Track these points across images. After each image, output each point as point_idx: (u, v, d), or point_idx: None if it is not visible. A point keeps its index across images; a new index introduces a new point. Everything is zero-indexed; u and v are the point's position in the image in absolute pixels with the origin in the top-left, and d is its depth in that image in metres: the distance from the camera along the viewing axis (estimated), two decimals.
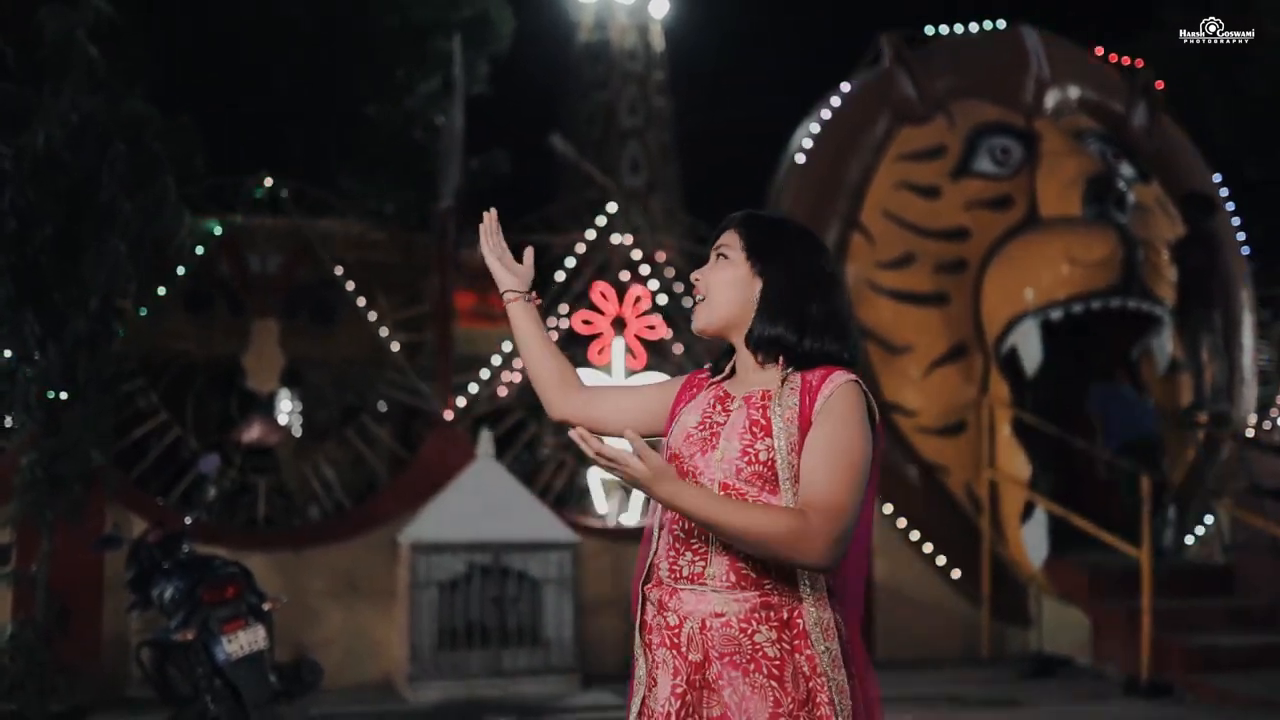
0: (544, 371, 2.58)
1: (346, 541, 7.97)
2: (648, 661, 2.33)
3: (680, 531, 2.30)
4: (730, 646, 2.23)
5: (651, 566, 2.36)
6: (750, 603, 2.24)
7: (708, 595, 2.26)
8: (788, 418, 2.26)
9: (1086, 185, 8.74)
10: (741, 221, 2.41)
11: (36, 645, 6.91)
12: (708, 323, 2.39)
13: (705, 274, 2.40)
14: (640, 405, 2.52)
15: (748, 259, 2.37)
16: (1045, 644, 8.66)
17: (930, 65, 9.43)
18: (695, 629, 2.26)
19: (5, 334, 7.02)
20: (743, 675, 2.22)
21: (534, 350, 2.60)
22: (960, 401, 8.81)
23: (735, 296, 2.36)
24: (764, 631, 2.24)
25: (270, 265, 8.72)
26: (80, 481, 7.14)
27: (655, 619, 2.33)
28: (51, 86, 7.03)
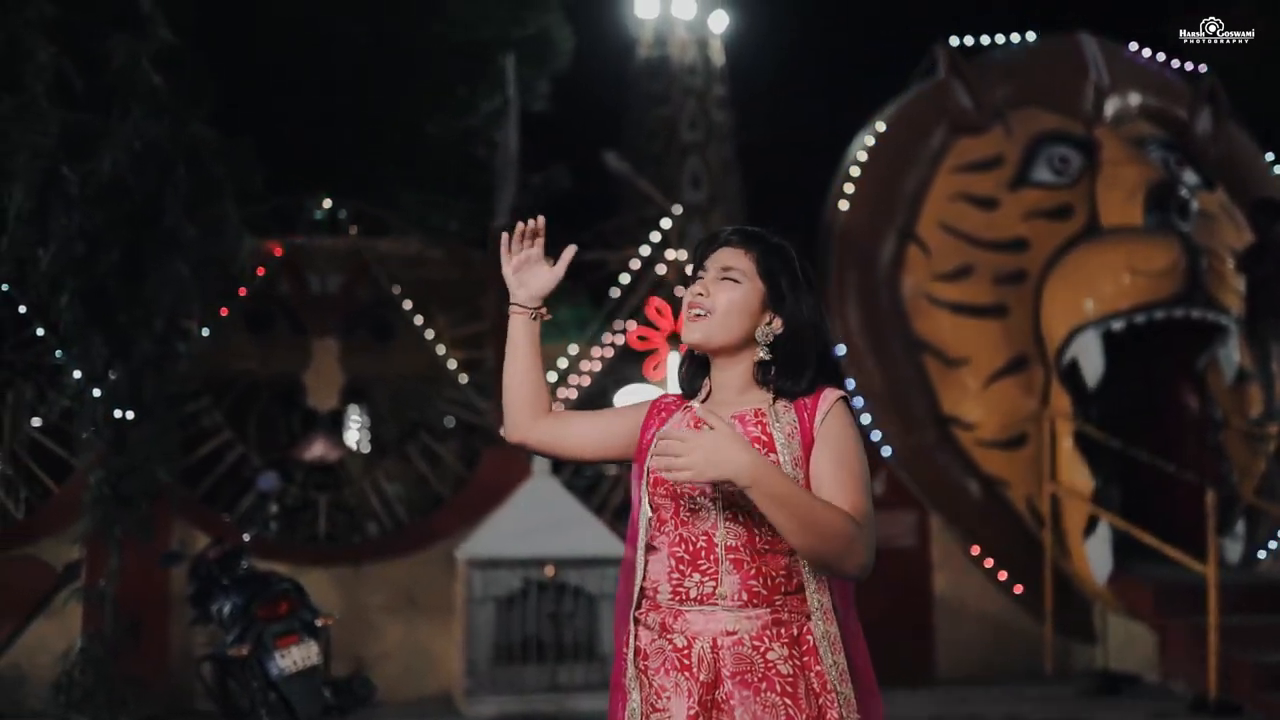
0: (522, 390, 2.51)
1: (405, 557, 8.06)
2: (643, 689, 2.31)
3: (684, 553, 2.29)
4: (742, 665, 2.24)
5: (642, 592, 2.35)
6: (762, 620, 2.26)
7: (718, 614, 2.26)
8: (788, 433, 2.30)
9: (1148, 193, 8.60)
10: (750, 244, 2.39)
11: (105, 659, 7.08)
12: (707, 340, 2.37)
13: (712, 291, 2.36)
14: (605, 430, 2.50)
15: (765, 290, 2.36)
16: (1112, 661, 8.50)
17: (986, 75, 9.34)
18: (706, 648, 2.25)
19: (74, 355, 7.22)
20: (754, 694, 2.22)
21: (519, 366, 2.51)
22: (1021, 414, 8.69)
23: (744, 323, 2.36)
24: (776, 649, 2.25)
25: (330, 285, 8.87)
26: (147, 499, 7.31)
27: (654, 644, 2.32)
28: (118, 113, 7.24)
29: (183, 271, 7.04)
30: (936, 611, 8.74)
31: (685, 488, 2.29)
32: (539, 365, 2.52)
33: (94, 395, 7.21)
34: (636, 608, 2.36)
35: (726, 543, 2.27)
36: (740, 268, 2.37)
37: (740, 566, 2.26)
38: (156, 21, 7.48)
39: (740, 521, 2.27)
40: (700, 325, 2.36)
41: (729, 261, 2.38)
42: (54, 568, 7.51)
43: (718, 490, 2.27)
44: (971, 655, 8.67)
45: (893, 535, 8.72)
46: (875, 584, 9.12)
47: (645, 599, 2.35)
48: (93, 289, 7.08)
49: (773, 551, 2.27)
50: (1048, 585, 8.53)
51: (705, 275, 2.40)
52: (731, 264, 2.37)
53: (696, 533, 2.29)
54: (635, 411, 2.49)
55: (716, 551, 2.26)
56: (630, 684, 2.33)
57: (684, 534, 2.30)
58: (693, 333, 2.38)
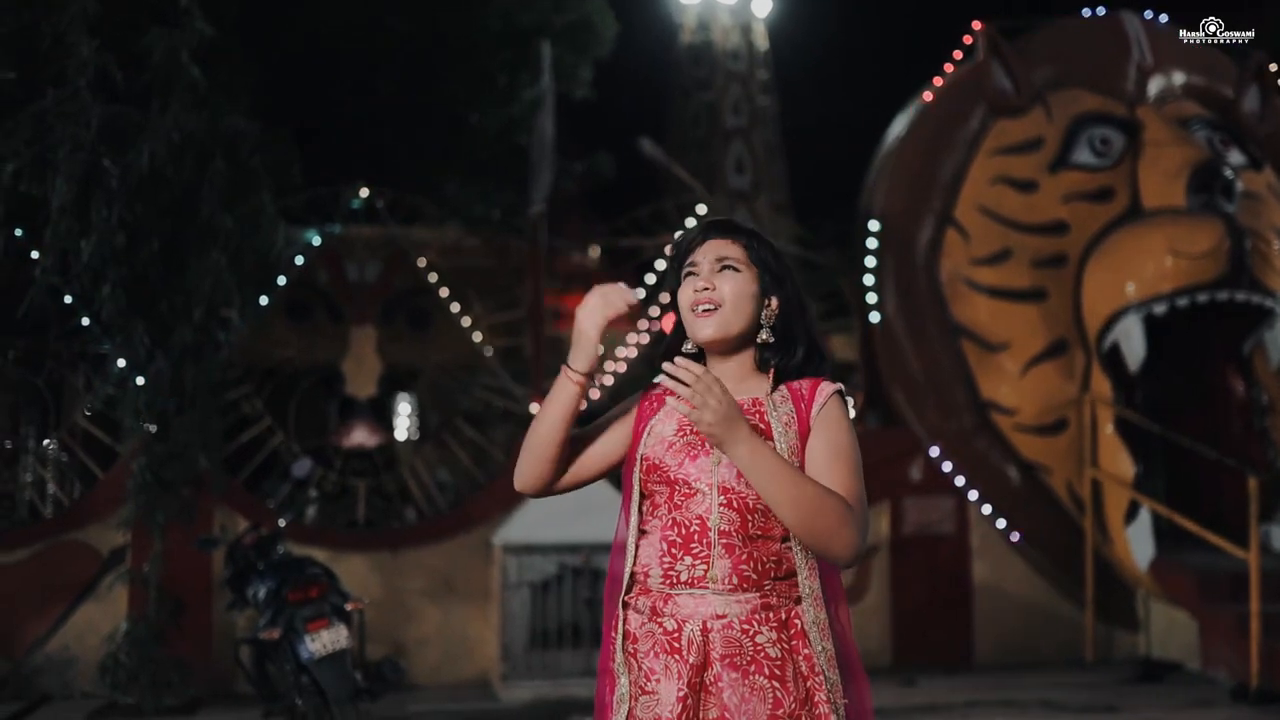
0: (550, 453, 2.42)
1: (442, 542, 8.14)
2: (632, 673, 2.34)
3: (677, 537, 2.32)
4: (731, 648, 2.27)
5: (633, 576, 2.38)
6: (751, 604, 2.29)
7: (708, 598, 2.29)
8: (785, 422, 2.34)
9: (1191, 174, 8.46)
10: (734, 233, 2.44)
11: (149, 641, 7.25)
12: (724, 333, 2.38)
13: (718, 284, 2.37)
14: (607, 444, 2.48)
15: (757, 275, 2.40)
16: (1154, 648, 8.40)
17: (1027, 55, 9.22)
18: (696, 631, 2.28)
19: (117, 344, 7.37)
20: (742, 677, 2.25)
21: (557, 429, 2.41)
22: (1060, 399, 8.59)
23: (750, 310, 2.39)
24: (765, 632, 2.29)
25: (368, 273, 8.97)
26: (189, 485, 7.47)
27: (644, 627, 2.34)
28: (158, 106, 7.36)
29: (220, 261, 7.15)
30: (975, 598, 8.68)
31: (682, 475, 2.33)
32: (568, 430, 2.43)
33: (137, 384, 7.36)
34: (626, 592, 2.38)
35: (720, 527, 2.29)
36: (735, 256, 2.40)
37: (732, 551, 2.29)
38: (195, 15, 7.59)
39: (734, 507, 2.30)
40: (713, 319, 2.36)
41: (722, 252, 2.40)
42: (100, 552, 7.70)
43: (713, 476, 2.31)
44: (1011, 642, 8.61)
45: (931, 521, 8.69)
46: (914, 570, 9.15)
47: (635, 583, 2.38)
48: (134, 279, 7.23)
49: (765, 538, 2.31)
50: (1088, 572, 8.44)
51: (699, 270, 2.40)
52: (726, 254, 2.40)
53: (690, 517, 2.31)
54: (626, 418, 2.49)
55: (710, 535, 2.29)
56: (619, 668, 2.35)
57: (677, 518, 2.32)
58: (706, 328, 2.37)
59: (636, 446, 2.41)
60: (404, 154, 11.58)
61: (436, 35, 12.14)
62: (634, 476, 2.40)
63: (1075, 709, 7.05)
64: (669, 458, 2.36)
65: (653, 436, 2.39)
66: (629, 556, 2.39)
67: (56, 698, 7.46)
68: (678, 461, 2.35)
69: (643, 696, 2.31)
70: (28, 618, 7.60)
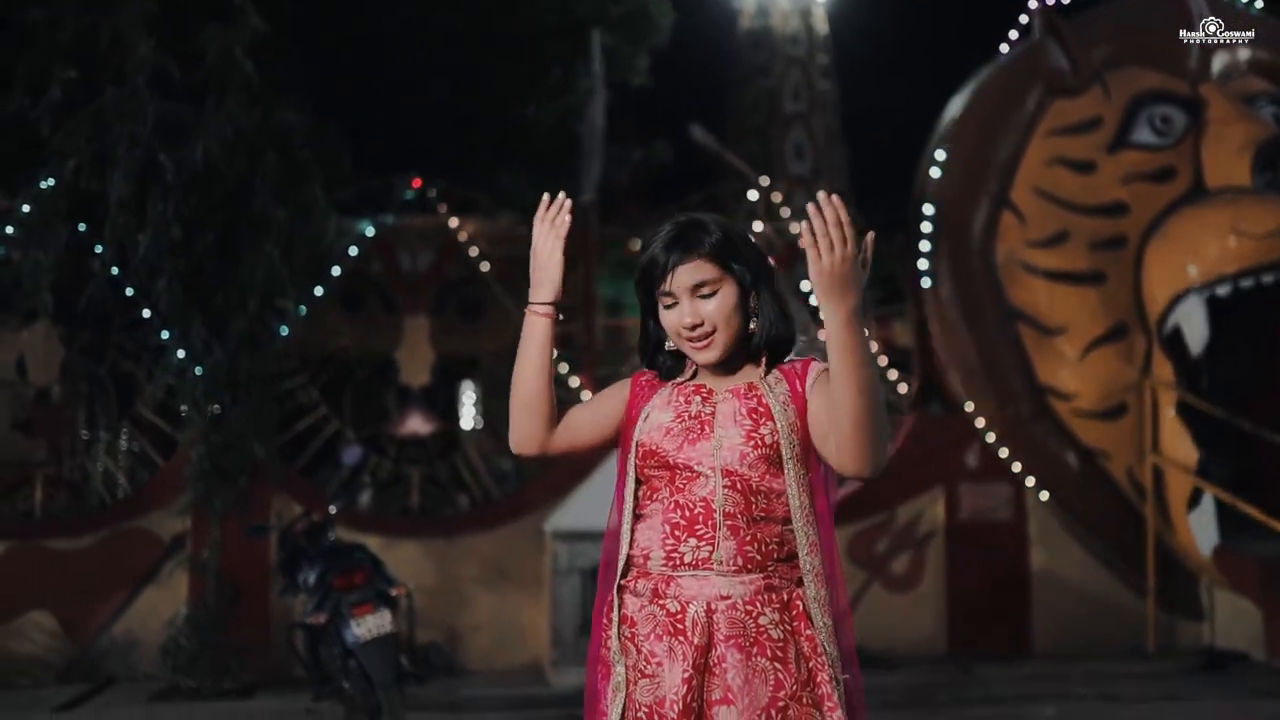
0: (539, 402, 2.44)
1: (496, 530, 8.21)
2: (630, 657, 2.33)
3: (681, 519, 2.32)
4: (735, 629, 2.27)
5: (629, 560, 2.36)
6: (755, 585, 2.29)
7: (712, 579, 2.29)
8: (783, 401, 2.35)
9: (1257, 152, 8.25)
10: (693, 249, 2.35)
11: (209, 626, 7.42)
12: (725, 350, 2.36)
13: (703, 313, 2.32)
14: (604, 416, 2.47)
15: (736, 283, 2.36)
16: (1218, 638, 8.22)
17: (1084, 34, 9.01)
18: (701, 612, 2.28)
19: (175, 336, 7.54)
20: (745, 658, 2.25)
21: (539, 377, 2.43)
22: (1120, 383, 8.43)
23: (739, 319, 2.37)
24: (768, 614, 2.29)
25: (420, 263, 9.06)
26: (245, 473, 7.61)
27: (644, 611, 2.33)
28: (213, 102, 7.49)
29: (273, 254, 7.27)
30: (1033, 585, 8.56)
31: (682, 459, 2.32)
32: (552, 372, 2.46)
33: (195, 374, 7.52)
34: (622, 576, 2.37)
35: (725, 509, 2.29)
36: (707, 278, 2.34)
37: (737, 533, 2.28)
38: (249, 12, 7.71)
39: (738, 489, 2.30)
40: (713, 346, 2.35)
41: (694, 278, 2.34)
42: (162, 539, 7.88)
43: (715, 459, 2.31)
44: (1071, 630, 8.47)
45: (988, 508, 8.58)
46: (971, 558, 9.02)
47: (632, 567, 2.36)
48: (190, 272, 7.39)
49: (768, 519, 2.31)
50: (1150, 560, 8.29)
51: (677, 300, 2.35)
52: (697, 279, 2.33)
53: (694, 499, 2.31)
54: (620, 390, 2.49)
55: (715, 517, 2.29)
56: (614, 656, 2.34)
57: (680, 500, 2.32)
58: (709, 354, 2.36)
59: (631, 431, 2.40)
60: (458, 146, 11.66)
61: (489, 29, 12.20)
62: (629, 462, 2.39)
63: (1133, 699, 6.92)
64: (667, 443, 2.35)
65: (649, 423, 2.38)
66: (624, 541, 2.37)
67: (121, 680, 7.67)
68: (676, 445, 2.35)
69: (642, 680, 2.29)
70: (94, 603, 7.81)
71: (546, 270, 2.46)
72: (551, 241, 2.46)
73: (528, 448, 2.46)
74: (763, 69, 16.56)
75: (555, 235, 2.47)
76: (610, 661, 2.35)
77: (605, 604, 2.40)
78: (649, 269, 2.38)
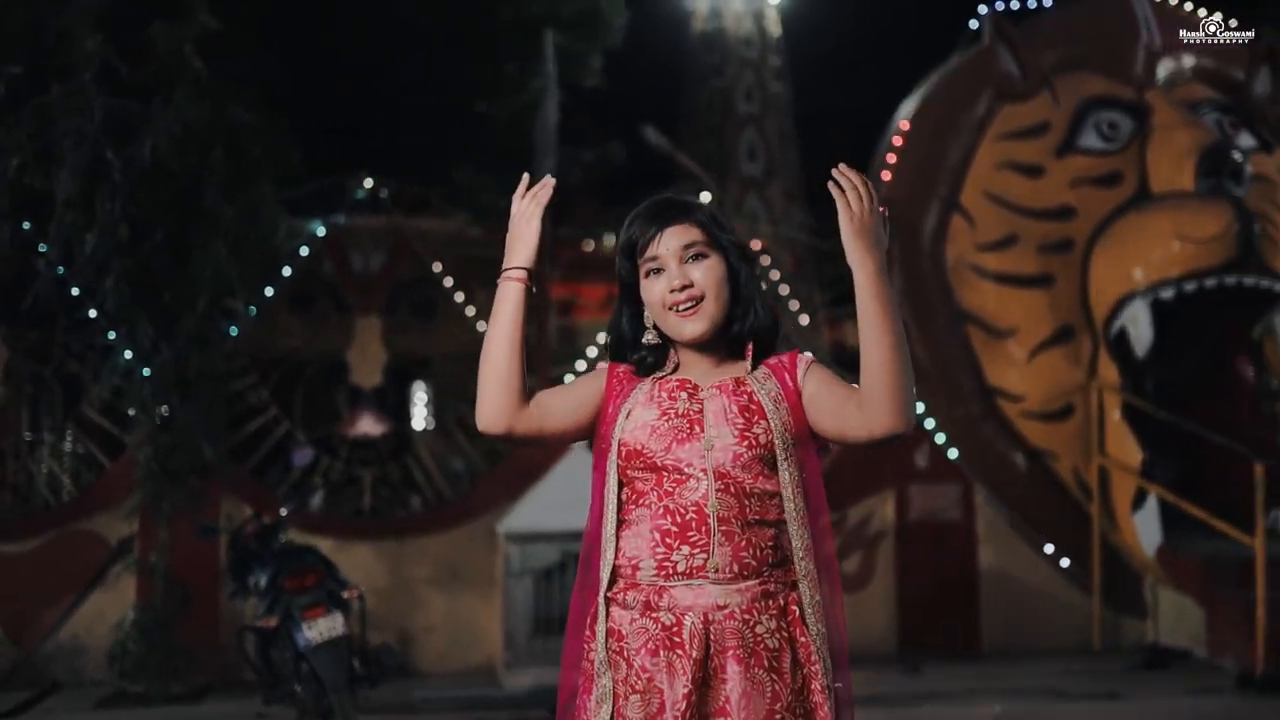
0: (509, 375, 2.30)
1: (448, 531, 8.17)
2: (618, 671, 2.24)
3: (672, 526, 2.23)
4: (733, 640, 2.20)
5: (616, 570, 2.27)
6: (751, 592, 2.22)
7: (706, 589, 2.21)
8: (774, 398, 2.27)
9: (1200, 158, 8.39)
10: (688, 214, 2.33)
11: (157, 629, 7.32)
12: (711, 326, 2.29)
13: (693, 277, 2.27)
14: (577, 404, 2.37)
15: (724, 257, 2.32)
16: (1162, 635, 8.35)
17: (1033, 39, 9.14)
18: (698, 623, 2.20)
19: (123, 335, 7.43)
20: (743, 670, 2.19)
21: (510, 347, 2.31)
22: (1067, 385, 8.55)
23: (726, 295, 2.30)
24: (765, 622, 2.22)
25: (372, 263, 9.01)
26: (195, 474, 7.52)
27: (635, 625, 2.24)
28: (161, 98, 7.40)
29: (222, 252, 7.20)
30: (981, 585, 8.65)
31: (671, 460, 2.23)
32: (522, 345, 2.33)
33: (142, 374, 7.42)
34: (609, 588, 2.27)
35: (719, 514, 2.21)
36: (699, 240, 2.29)
37: (732, 538, 2.21)
38: (200, 8, 7.63)
39: (731, 492, 2.22)
40: (699, 315, 2.27)
41: (685, 239, 2.28)
42: (109, 542, 7.76)
43: (707, 461, 2.23)
44: (1018, 629, 8.57)
45: (937, 508, 8.67)
46: (920, 558, 9.12)
47: (620, 578, 2.26)
48: (138, 271, 7.29)
49: (761, 523, 2.24)
50: (1095, 559, 8.41)
51: (664, 265, 2.28)
52: (687, 240, 2.28)
53: (685, 504, 2.22)
54: (596, 379, 2.38)
55: (709, 523, 2.21)
56: (600, 668, 2.25)
57: (669, 505, 2.23)
58: (694, 325, 2.28)
59: (610, 429, 2.29)
60: (413, 144, 11.62)
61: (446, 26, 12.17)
62: (609, 463, 2.29)
63: (1080, 696, 7.03)
64: (653, 443, 2.26)
65: (631, 420, 2.28)
66: (608, 549, 2.27)
67: (67, 685, 7.54)
68: (664, 446, 2.25)
69: (633, 696, 2.21)
70: (39, 607, 7.69)
71: (523, 237, 2.33)
72: (531, 209, 2.33)
73: (496, 424, 2.31)
74: (716, 70, 16.60)
75: (536, 204, 2.34)
76: (594, 673, 2.27)
77: (588, 613, 2.31)
78: (634, 236, 2.31)
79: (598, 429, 2.35)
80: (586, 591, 2.34)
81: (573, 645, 2.35)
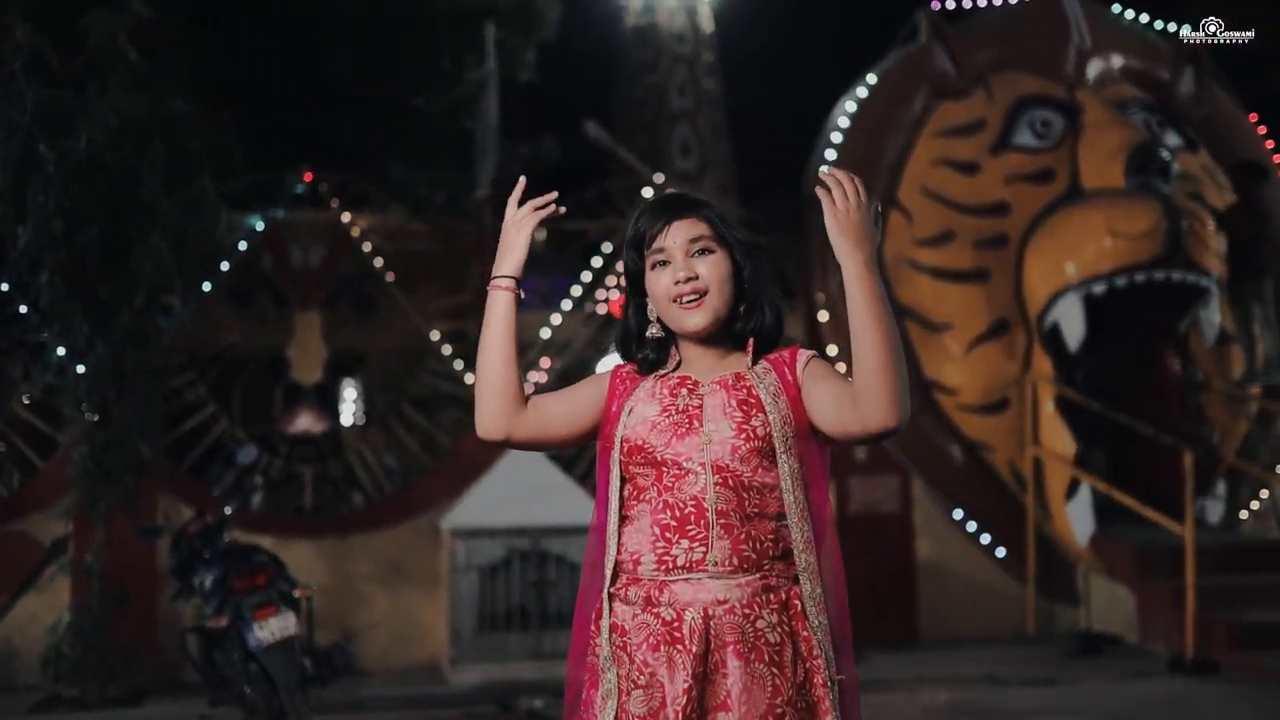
0: (505, 381, 2.36)
1: (390, 528, 8.12)
2: (622, 666, 2.26)
3: (671, 520, 2.24)
4: (734, 634, 2.21)
5: (618, 566, 2.28)
6: (752, 586, 2.23)
7: (706, 583, 2.22)
8: (773, 392, 2.30)
9: (1129, 156, 8.59)
10: (695, 209, 2.36)
11: (93, 632, 7.17)
12: (714, 319, 2.32)
13: (699, 270, 2.31)
14: (577, 407, 2.41)
15: (729, 254, 2.35)
16: (1094, 622, 8.56)
17: (969, 38, 9.31)
18: (698, 619, 2.21)
19: (56, 332, 7.27)
20: (744, 664, 2.20)
21: (503, 353, 2.36)
22: (1002, 379, 8.72)
23: (730, 290, 2.34)
24: (765, 616, 2.23)
25: (312, 258, 8.89)
26: (131, 473, 7.38)
27: (637, 619, 2.26)
28: (95, 89, 7.24)
29: (161, 246, 7.06)
30: (919, 575, 8.81)
31: (670, 455, 2.26)
32: (516, 350, 2.37)
33: (76, 371, 7.26)
34: (612, 583, 2.28)
35: (717, 507, 2.23)
36: (706, 235, 2.33)
37: (731, 531, 2.22)
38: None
39: (730, 486, 2.24)
40: (703, 308, 2.31)
41: (693, 232, 2.32)
42: (42, 543, 7.58)
43: (705, 455, 2.25)
44: (955, 618, 8.74)
45: (875, 500, 8.80)
46: (859, 548, 9.20)
47: (622, 573, 2.28)
48: (72, 265, 7.12)
49: (761, 516, 2.25)
50: (1030, 548, 8.60)
51: (670, 257, 2.32)
52: (694, 234, 2.32)
53: (684, 499, 2.24)
54: (597, 382, 2.42)
55: (707, 516, 2.23)
56: (604, 663, 2.26)
57: (669, 500, 2.25)
58: (697, 318, 2.31)
59: (614, 427, 2.32)
60: (350, 136, 11.48)
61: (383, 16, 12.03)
62: (613, 459, 2.31)
63: (1017, 682, 7.18)
64: (654, 438, 2.28)
65: (633, 417, 2.31)
66: (611, 544, 2.29)
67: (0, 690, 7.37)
68: (664, 441, 2.28)
69: (635, 690, 2.22)
70: None
71: (514, 246, 2.38)
72: (526, 219, 2.38)
73: (495, 431, 2.36)
74: (649, 66, 16.65)
75: (533, 217, 2.38)
76: (600, 669, 2.28)
77: (592, 608, 2.33)
78: (642, 229, 2.35)
79: (601, 429, 2.38)
80: (593, 588, 2.36)
81: (579, 641, 2.37)
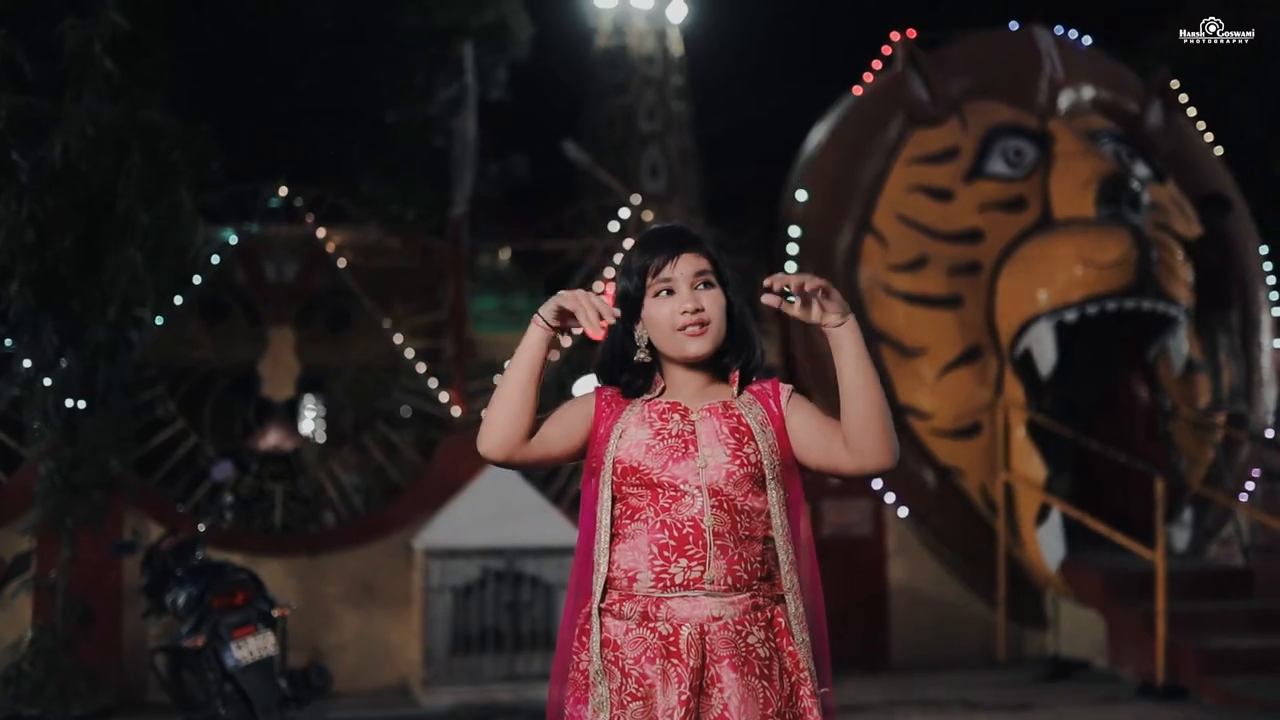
0: (523, 413, 2.38)
1: (362, 547, 8.03)
2: (614, 680, 2.33)
3: (670, 539, 2.34)
4: (727, 649, 2.31)
5: (609, 583, 2.37)
6: (743, 604, 2.35)
7: (702, 600, 2.33)
8: (761, 421, 2.41)
9: (1100, 186, 8.70)
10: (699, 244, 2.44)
11: (56, 650, 7.02)
12: (713, 348, 2.41)
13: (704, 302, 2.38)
14: (568, 430, 2.46)
15: (724, 290, 2.44)
16: (1063, 647, 8.62)
17: (943, 67, 9.41)
18: (694, 634, 2.31)
19: (24, 343, 7.13)
20: (738, 677, 2.30)
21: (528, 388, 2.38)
22: (974, 404, 8.79)
23: (724, 325, 2.43)
24: (755, 632, 2.34)
25: (286, 273, 8.82)
26: (99, 488, 7.24)
27: (632, 634, 2.34)
28: (70, 98, 7.13)
29: (136, 259, 6.96)
30: (891, 598, 8.83)
31: (667, 477, 2.35)
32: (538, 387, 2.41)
33: (45, 384, 7.13)
34: (602, 599, 2.37)
35: (714, 529, 2.33)
36: (707, 269, 2.42)
37: (725, 552, 2.33)
38: (109, 5, 7.38)
39: (725, 509, 2.35)
40: (706, 337, 2.39)
41: (699, 265, 2.41)
42: (3, 559, 7.42)
43: (701, 479, 2.35)
44: (925, 642, 8.77)
45: (848, 523, 8.82)
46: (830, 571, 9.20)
47: (613, 589, 2.37)
48: (44, 276, 6.99)
49: (750, 538, 2.36)
50: (1001, 573, 8.64)
51: (675, 288, 2.39)
52: (700, 268, 2.41)
53: (682, 519, 2.34)
54: (584, 404, 2.48)
55: (705, 537, 2.32)
56: (595, 676, 2.34)
57: (666, 520, 2.34)
58: (699, 345, 2.39)
59: (603, 448, 2.40)
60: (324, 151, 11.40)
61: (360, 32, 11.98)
62: (603, 479, 2.39)
63: (991, 707, 7.21)
64: (649, 460, 2.37)
65: (625, 439, 2.39)
66: (601, 561, 2.37)
67: None
68: (660, 464, 2.36)
69: (633, 704, 2.31)
70: None
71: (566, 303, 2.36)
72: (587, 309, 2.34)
73: (496, 453, 2.39)
74: (619, 87, 16.72)
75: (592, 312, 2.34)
76: (590, 683, 2.35)
77: (579, 626, 2.40)
78: (648, 258, 2.41)
79: (589, 449, 2.46)
80: (579, 607, 2.44)
81: (562, 661, 2.45)
